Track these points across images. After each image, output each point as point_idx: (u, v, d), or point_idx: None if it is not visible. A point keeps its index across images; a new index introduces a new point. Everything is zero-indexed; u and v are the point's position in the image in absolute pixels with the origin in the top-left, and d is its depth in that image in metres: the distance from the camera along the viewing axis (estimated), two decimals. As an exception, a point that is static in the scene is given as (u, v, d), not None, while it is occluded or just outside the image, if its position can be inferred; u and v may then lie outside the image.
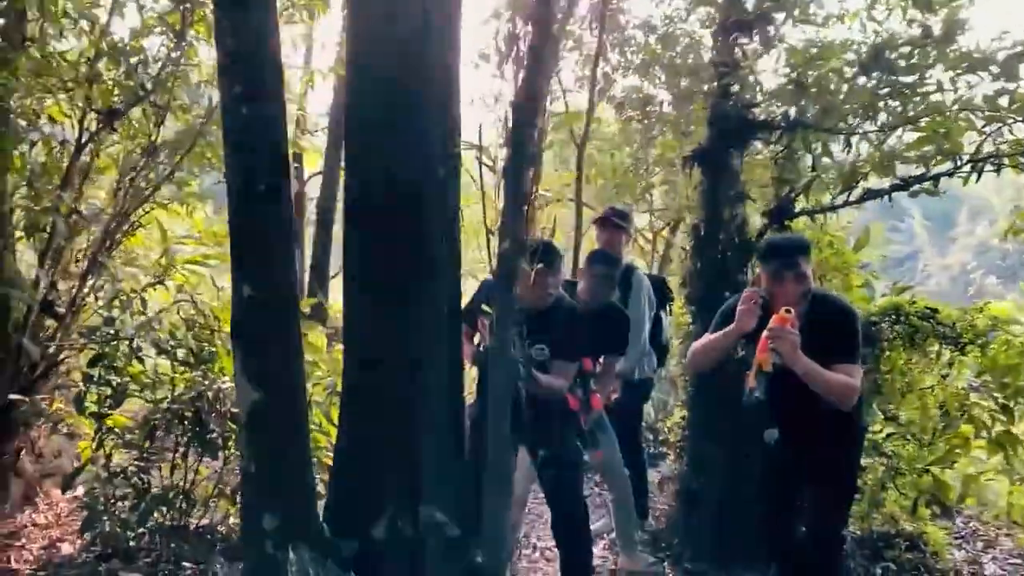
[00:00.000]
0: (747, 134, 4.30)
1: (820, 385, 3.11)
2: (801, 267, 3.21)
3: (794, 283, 3.20)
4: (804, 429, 3.35)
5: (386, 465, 3.13)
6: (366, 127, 3.16)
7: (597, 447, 4.18)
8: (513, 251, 2.97)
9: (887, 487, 4.75)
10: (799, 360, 3.04)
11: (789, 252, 3.25)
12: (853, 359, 3.23)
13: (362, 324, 3.15)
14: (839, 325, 3.26)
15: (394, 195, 3.08)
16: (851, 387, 3.15)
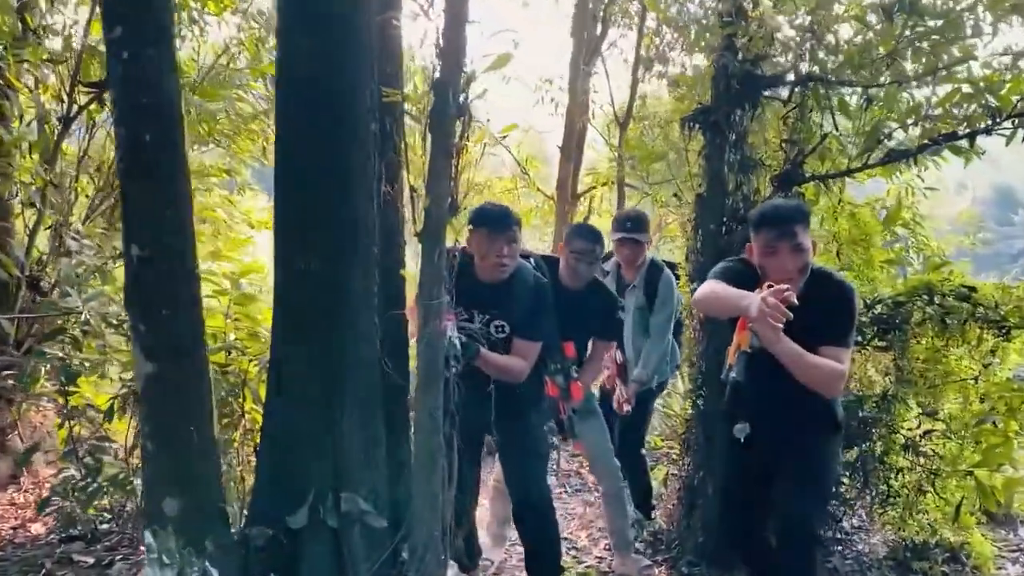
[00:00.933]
0: (754, 91, 3.84)
1: (802, 371, 2.71)
2: (798, 237, 2.78)
3: (791, 256, 2.78)
4: (780, 417, 2.93)
5: (309, 446, 2.86)
6: (293, 83, 2.90)
7: (575, 437, 3.82)
8: (439, 208, 2.65)
9: (925, 491, 4.22)
10: (780, 343, 2.62)
11: (785, 220, 2.80)
12: (843, 343, 2.80)
13: (286, 291, 2.89)
14: (835, 305, 2.83)
15: (318, 152, 2.82)
16: (838, 374, 2.75)
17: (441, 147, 2.61)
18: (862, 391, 4.10)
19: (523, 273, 3.39)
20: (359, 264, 2.86)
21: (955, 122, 3.61)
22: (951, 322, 3.75)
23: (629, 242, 4.56)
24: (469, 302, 3.34)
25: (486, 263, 3.24)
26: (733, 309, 2.73)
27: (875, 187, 5.83)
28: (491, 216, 3.24)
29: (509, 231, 3.23)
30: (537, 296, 3.37)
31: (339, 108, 2.81)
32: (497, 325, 3.40)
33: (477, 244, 3.24)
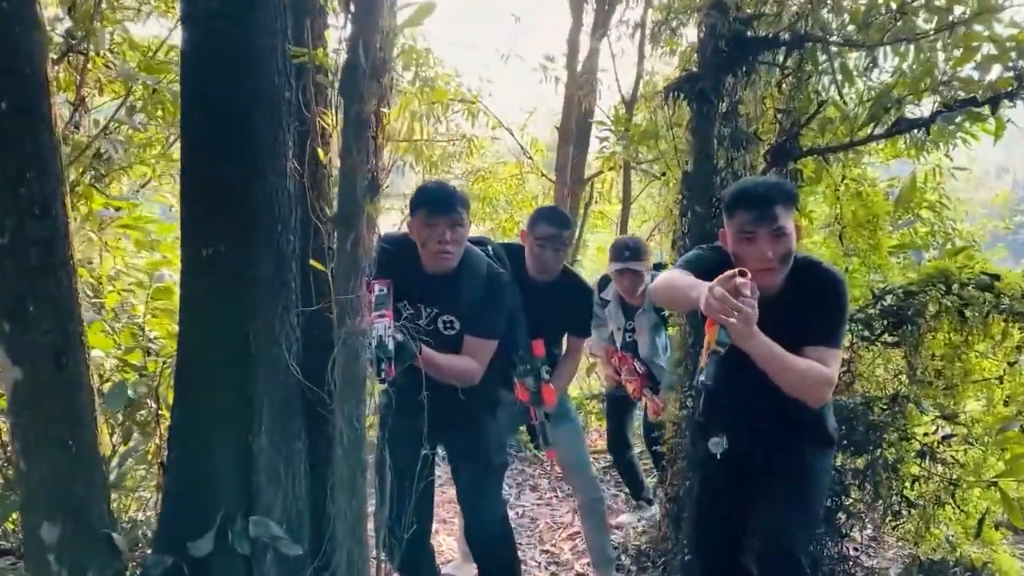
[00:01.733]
0: (746, 55, 3.40)
1: (782, 374, 2.28)
2: (780, 220, 2.34)
3: (770, 242, 2.34)
4: (761, 429, 2.52)
5: (218, 461, 2.51)
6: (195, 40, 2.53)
7: (548, 444, 3.41)
8: (352, 187, 2.26)
9: (943, 502, 3.77)
10: (754, 340, 2.17)
11: (764, 200, 2.35)
12: (832, 343, 2.37)
13: (191, 280, 2.53)
14: (821, 299, 2.40)
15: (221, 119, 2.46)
16: (823, 378, 2.31)
17: (354, 114, 2.23)
18: (870, 393, 3.65)
19: (473, 262, 2.97)
20: (270, 249, 2.50)
21: (976, 86, 3.17)
22: (971, 315, 3.29)
23: (629, 273, 4.23)
24: (415, 296, 2.93)
25: (427, 251, 2.82)
26: (684, 301, 2.32)
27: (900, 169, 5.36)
28: (431, 197, 2.81)
29: (452, 214, 2.79)
30: (490, 288, 2.96)
31: (244, 68, 2.45)
32: (446, 321, 2.98)
33: (417, 229, 2.82)
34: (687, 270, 2.42)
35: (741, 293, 2.06)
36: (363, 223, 2.28)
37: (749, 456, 2.57)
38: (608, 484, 5.44)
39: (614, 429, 4.88)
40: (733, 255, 2.42)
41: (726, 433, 2.62)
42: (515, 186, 9.46)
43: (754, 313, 2.08)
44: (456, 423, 2.96)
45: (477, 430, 3.04)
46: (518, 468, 5.68)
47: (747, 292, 2.07)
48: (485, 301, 2.93)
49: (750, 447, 2.57)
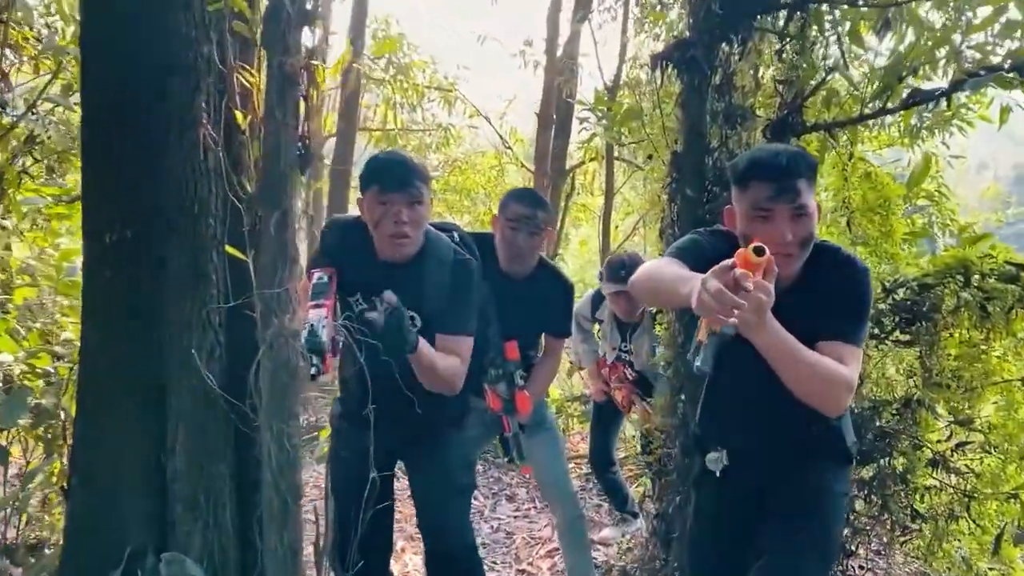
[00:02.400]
0: (742, 19, 3.03)
1: (795, 375, 1.88)
2: (802, 197, 1.95)
3: (790, 222, 1.95)
4: (768, 440, 2.15)
5: (125, 486, 2.12)
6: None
7: (522, 458, 3.02)
8: (277, 158, 1.87)
9: (958, 516, 3.43)
10: (766, 331, 1.77)
11: (786, 171, 1.95)
12: (852, 339, 1.98)
13: (94, 272, 2.14)
14: (842, 290, 2.02)
15: (123, 82, 2.06)
16: (842, 379, 1.90)
17: (278, 67, 1.84)
18: (879, 396, 3.30)
19: (437, 248, 2.51)
20: (184, 234, 2.10)
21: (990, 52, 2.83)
22: (993, 310, 2.94)
23: (626, 296, 3.87)
24: (368, 288, 2.45)
25: (381, 234, 2.36)
26: (672, 299, 1.93)
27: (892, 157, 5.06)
28: (383, 170, 2.34)
29: (410, 189, 2.33)
30: (458, 277, 2.51)
31: (150, 17, 2.05)
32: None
33: (368, 209, 2.35)
34: (678, 259, 2.03)
35: (742, 286, 1.66)
36: (291, 201, 1.89)
37: (754, 475, 2.20)
38: (590, 493, 5.08)
39: (598, 442, 4.48)
40: (742, 237, 2.03)
41: (726, 448, 2.25)
42: (494, 177, 9.08)
43: (768, 299, 1.68)
44: (417, 437, 2.57)
45: (441, 446, 2.63)
46: (494, 476, 5.30)
47: (748, 285, 1.66)
48: (454, 292, 2.47)
49: (755, 464, 2.20)
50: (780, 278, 1.84)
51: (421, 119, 9.55)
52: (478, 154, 9.45)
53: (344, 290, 2.40)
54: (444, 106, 9.15)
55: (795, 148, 2.12)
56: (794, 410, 1.97)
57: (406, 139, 9.42)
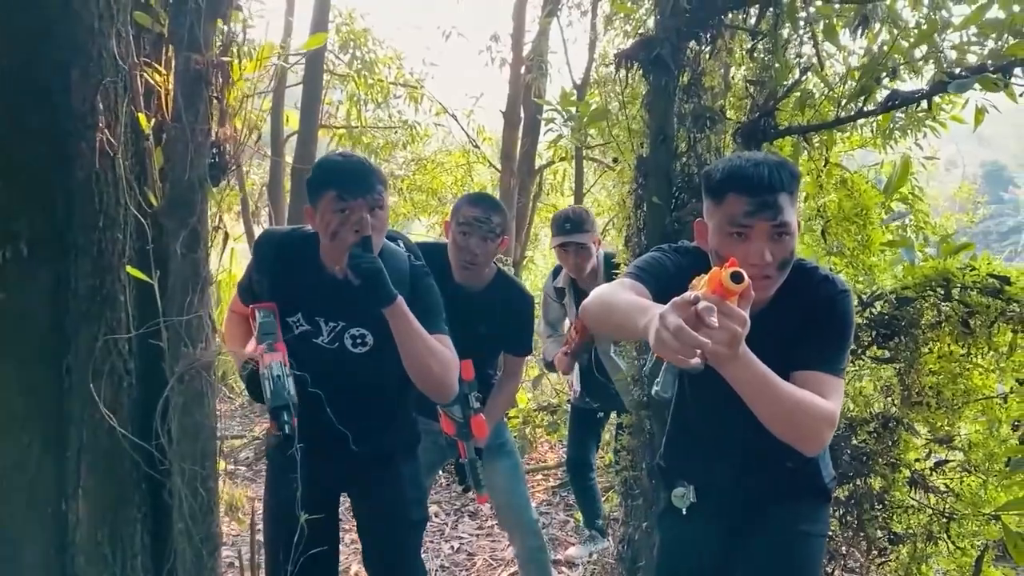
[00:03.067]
0: (712, 15, 2.85)
1: (771, 408, 1.67)
2: (785, 214, 1.75)
3: (770, 241, 1.76)
4: (739, 481, 1.96)
5: (22, 532, 1.89)
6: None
7: (479, 487, 2.81)
8: (184, 164, 1.65)
9: (936, 537, 3.28)
10: (740, 363, 1.56)
11: (767, 184, 1.75)
12: (833, 367, 1.80)
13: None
14: (821, 314, 1.84)
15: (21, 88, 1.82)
16: (823, 415, 1.71)
17: (184, 64, 1.62)
18: (855, 414, 3.14)
19: (392, 257, 2.28)
20: (87, 254, 1.88)
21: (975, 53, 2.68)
22: (975, 324, 2.78)
23: (573, 247, 3.73)
24: (312, 308, 2.27)
25: (340, 244, 2.10)
26: (627, 331, 1.73)
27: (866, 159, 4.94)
28: (342, 173, 2.09)
29: (372, 193, 2.10)
30: (420, 282, 2.31)
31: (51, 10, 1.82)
32: (355, 335, 2.30)
33: (322, 215, 2.09)
34: (639, 280, 1.82)
35: (705, 322, 1.44)
36: (202, 216, 1.67)
37: (723, 514, 2.02)
38: (556, 508, 4.89)
39: (576, 446, 4.29)
40: (714, 254, 1.83)
41: (693, 483, 2.06)
42: (461, 176, 8.87)
43: (744, 331, 1.47)
44: (364, 467, 2.35)
45: (390, 477, 2.41)
46: (456, 491, 5.09)
47: (713, 321, 1.45)
48: (417, 299, 2.24)
49: (724, 503, 2.01)
50: (754, 302, 1.64)
51: (387, 116, 9.31)
52: (445, 153, 9.23)
53: (283, 311, 2.18)
54: (410, 103, 8.92)
55: (777, 157, 1.90)
56: (767, 444, 1.78)
57: (371, 137, 9.18)
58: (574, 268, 3.85)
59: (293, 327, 2.24)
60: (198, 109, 1.63)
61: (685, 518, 2.06)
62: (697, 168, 2.91)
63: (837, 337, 1.85)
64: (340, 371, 2.22)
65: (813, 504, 2.04)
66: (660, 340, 1.41)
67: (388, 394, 2.37)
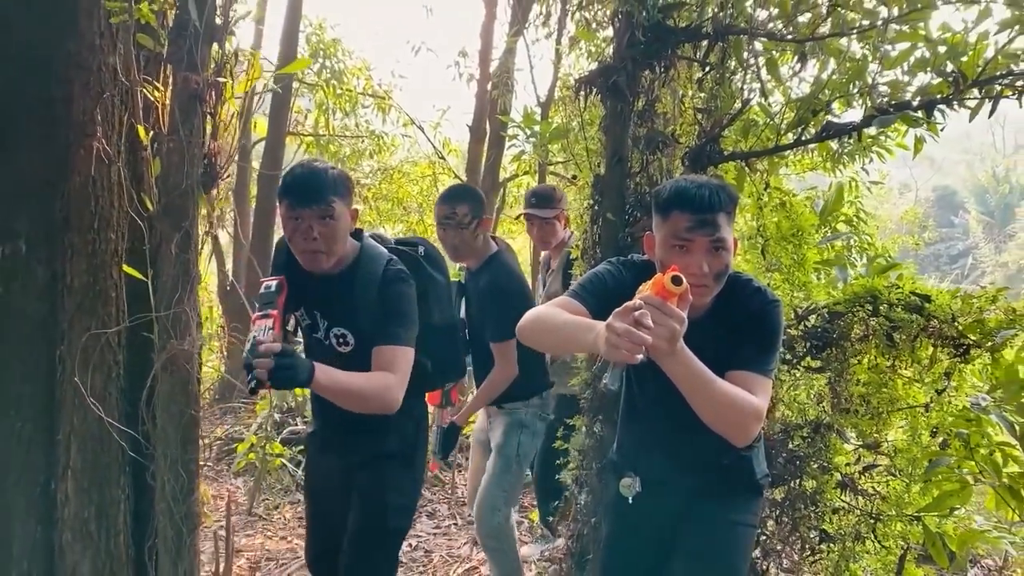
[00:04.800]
0: (665, 47, 3.07)
1: (704, 399, 1.89)
2: (722, 231, 1.99)
3: (708, 255, 1.98)
4: (678, 473, 2.17)
5: (14, 513, 2.03)
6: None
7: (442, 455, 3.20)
8: (181, 173, 1.82)
9: (864, 537, 3.52)
10: (677, 359, 1.78)
11: (708, 204, 1.98)
12: (761, 368, 2.02)
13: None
14: (752, 320, 2.06)
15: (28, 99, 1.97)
16: (751, 409, 1.93)
17: (182, 83, 1.79)
18: (790, 420, 3.37)
19: (370, 260, 2.47)
20: (82, 253, 2.03)
21: (901, 89, 2.93)
22: (899, 338, 3.03)
23: (537, 220, 4.12)
24: (310, 302, 2.50)
25: (295, 248, 2.33)
26: (571, 346, 1.94)
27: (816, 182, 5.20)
28: (293, 184, 2.28)
29: (321, 204, 2.27)
30: (390, 288, 2.45)
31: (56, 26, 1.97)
32: (338, 335, 2.49)
33: (283, 223, 2.32)
34: (578, 299, 2.04)
35: (643, 325, 1.67)
36: (194, 220, 1.84)
37: (664, 504, 2.22)
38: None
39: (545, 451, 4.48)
40: (660, 263, 2.04)
41: (639, 474, 2.27)
42: (427, 187, 9.04)
43: (682, 328, 1.70)
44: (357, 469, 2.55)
45: (376, 482, 2.56)
46: (416, 492, 5.24)
47: (648, 323, 1.66)
48: (384, 305, 2.41)
49: (665, 493, 2.22)
50: (693, 307, 1.86)
51: (355, 126, 9.45)
52: (412, 163, 9.40)
53: (292, 304, 2.43)
54: (378, 113, 9.08)
55: (718, 182, 2.13)
56: (705, 440, 1.99)
57: (338, 145, 9.31)
58: (538, 239, 4.23)
59: (301, 321, 2.51)
60: (193, 124, 1.79)
61: (631, 507, 2.26)
62: (649, 187, 3.13)
63: (767, 342, 2.07)
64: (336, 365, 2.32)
65: (745, 497, 2.25)
66: (611, 345, 1.62)
67: None
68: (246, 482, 5.24)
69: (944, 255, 40.96)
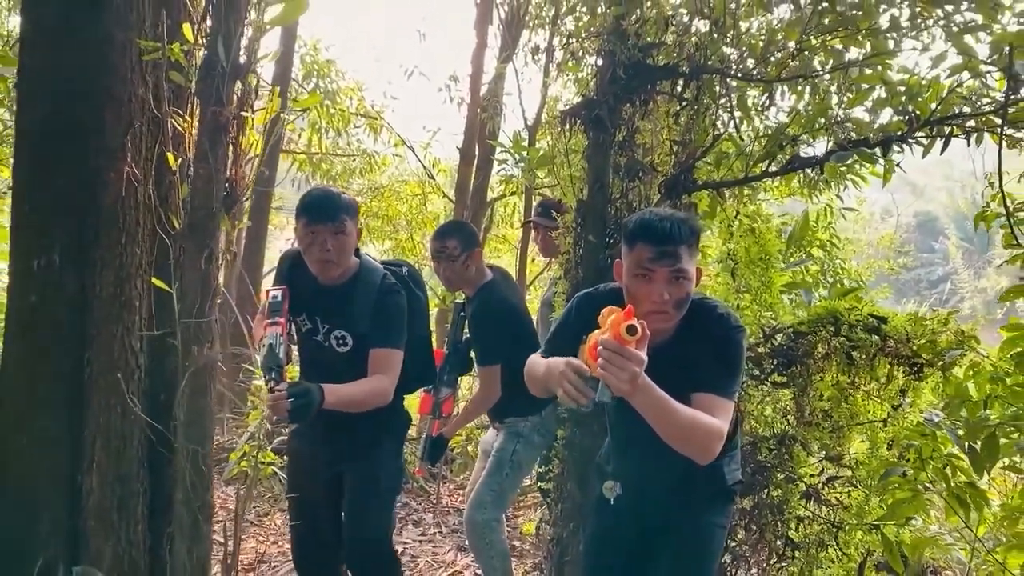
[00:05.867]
0: (644, 84, 3.31)
1: (667, 427, 2.04)
2: (682, 262, 2.14)
3: (668, 284, 2.13)
4: (653, 481, 2.39)
5: (40, 500, 2.21)
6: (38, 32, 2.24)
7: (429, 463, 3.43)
8: (206, 198, 2.03)
9: (827, 545, 3.73)
10: (640, 394, 1.92)
11: (669, 236, 2.12)
12: (722, 391, 2.17)
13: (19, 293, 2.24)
14: (715, 343, 2.21)
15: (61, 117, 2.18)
16: (709, 430, 2.07)
17: (211, 116, 2.00)
18: (758, 433, 3.59)
19: (368, 274, 2.83)
20: (110, 266, 2.23)
21: (867, 128, 3.18)
22: (859, 357, 3.27)
23: (541, 228, 4.36)
24: (312, 309, 2.82)
25: (310, 259, 2.66)
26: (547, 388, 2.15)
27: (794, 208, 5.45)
28: (311, 204, 2.61)
29: (335, 221, 2.61)
30: (386, 298, 2.81)
31: (93, 62, 2.18)
32: (338, 337, 2.83)
33: (299, 238, 2.65)
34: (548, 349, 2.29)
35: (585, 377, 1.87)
36: (218, 238, 2.05)
37: (642, 508, 2.43)
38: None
39: None
40: (626, 289, 2.24)
41: (617, 479, 2.48)
42: (416, 205, 9.25)
43: (639, 369, 1.83)
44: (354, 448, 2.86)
45: (374, 455, 2.91)
46: (402, 501, 5.42)
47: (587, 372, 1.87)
48: (379, 312, 2.77)
49: (643, 498, 2.43)
50: (657, 332, 2.06)
51: (347, 144, 9.66)
52: (401, 182, 9.62)
53: (293, 311, 2.72)
54: (370, 133, 9.30)
55: (682, 215, 2.28)
56: (674, 452, 2.19)
57: (330, 163, 9.52)
58: (541, 247, 4.47)
59: (302, 325, 2.81)
60: (218, 152, 2.00)
61: (613, 509, 2.46)
62: (628, 213, 3.36)
63: (731, 365, 2.22)
64: (333, 366, 2.74)
65: (717, 500, 2.46)
66: (563, 389, 1.87)
67: None
68: (237, 490, 5.39)
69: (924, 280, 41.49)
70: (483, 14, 7.08)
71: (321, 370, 2.72)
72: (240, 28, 1.98)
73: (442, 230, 3.53)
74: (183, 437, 2.06)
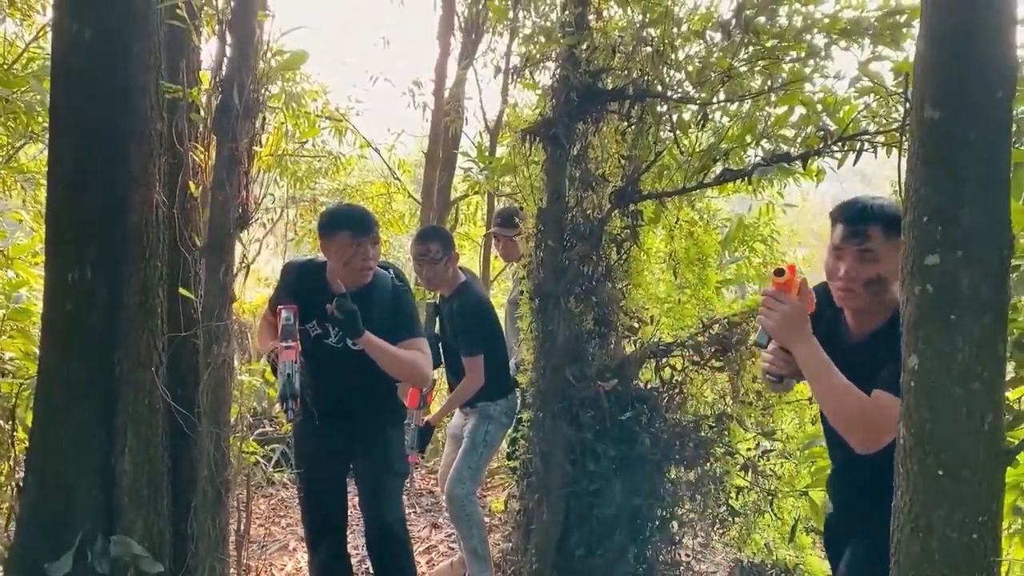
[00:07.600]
0: (595, 105, 3.72)
1: (823, 389, 2.07)
2: (872, 242, 2.12)
3: (856, 261, 2.14)
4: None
5: (79, 482, 2.56)
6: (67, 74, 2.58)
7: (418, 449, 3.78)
8: (223, 219, 2.39)
9: (763, 511, 4.20)
10: (802, 347, 2.04)
11: (859, 216, 2.15)
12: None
13: (55, 303, 2.58)
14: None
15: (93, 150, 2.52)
16: (880, 420, 1.96)
17: (227, 151, 2.36)
18: (700, 412, 4.04)
19: (381, 278, 3.25)
20: (136, 277, 2.58)
21: (791, 143, 3.62)
22: (783, 343, 3.72)
23: (502, 238, 4.71)
24: (323, 316, 3.14)
25: (351, 269, 3.06)
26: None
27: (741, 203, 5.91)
28: (354, 217, 3.09)
29: (374, 232, 3.09)
30: (400, 297, 3.27)
31: (119, 101, 2.53)
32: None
33: (339, 249, 3.05)
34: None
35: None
36: (233, 253, 2.41)
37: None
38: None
39: None
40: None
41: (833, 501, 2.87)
42: (382, 205, 9.58)
43: (790, 313, 2.01)
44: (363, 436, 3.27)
45: (382, 441, 3.31)
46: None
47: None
48: (397, 310, 3.21)
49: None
50: (858, 327, 2.22)
51: (312, 145, 9.91)
52: (367, 183, 9.93)
53: (302, 320, 3.05)
54: (335, 135, 9.57)
55: (884, 200, 2.26)
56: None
57: (295, 165, 9.78)
58: (502, 254, 4.87)
59: (310, 331, 3.14)
60: (232, 181, 2.36)
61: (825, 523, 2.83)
62: (583, 219, 3.78)
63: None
64: (345, 364, 3.12)
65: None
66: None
67: (380, 381, 3.23)
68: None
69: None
70: (446, 26, 7.43)
71: (333, 369, 3.09)
72: (251, 76, 2.34)
73: (425, 234, 3.91)
74: (207, 422, 2.42)
